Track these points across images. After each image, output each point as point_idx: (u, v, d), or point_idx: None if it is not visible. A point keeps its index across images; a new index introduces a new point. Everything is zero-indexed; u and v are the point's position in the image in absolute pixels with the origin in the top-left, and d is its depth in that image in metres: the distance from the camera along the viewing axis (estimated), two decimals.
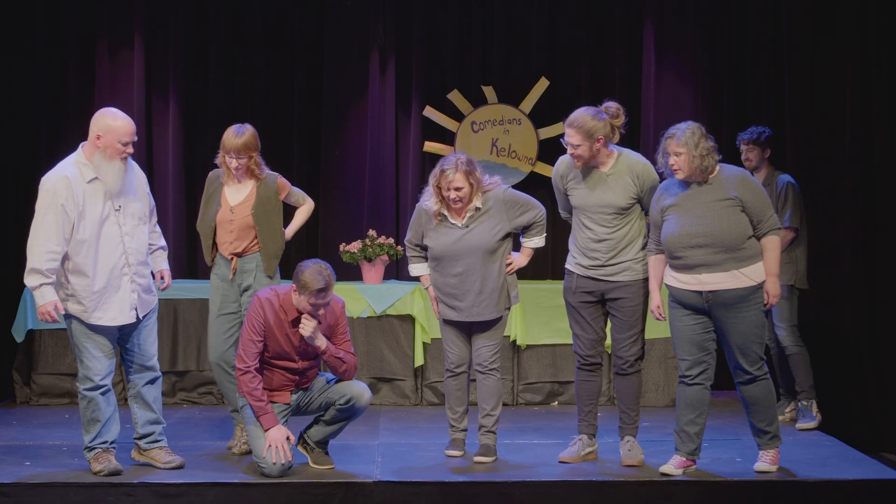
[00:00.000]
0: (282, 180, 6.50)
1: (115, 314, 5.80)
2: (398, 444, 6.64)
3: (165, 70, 8.83)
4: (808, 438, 6.83)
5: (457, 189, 6.06)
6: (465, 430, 6.33)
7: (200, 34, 8.90)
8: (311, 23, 8.95)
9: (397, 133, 8.96)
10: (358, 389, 5.99)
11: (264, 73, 8.92)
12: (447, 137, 8.91)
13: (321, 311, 5.83)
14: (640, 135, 8.70)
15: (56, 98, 8.65)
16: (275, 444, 5.78)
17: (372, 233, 8.41)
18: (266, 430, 5.82)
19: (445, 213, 6.16)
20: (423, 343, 8.04)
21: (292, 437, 5.88)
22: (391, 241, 8.42)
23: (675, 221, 5.80)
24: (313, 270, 5.74)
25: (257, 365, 5.86)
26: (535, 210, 6.20)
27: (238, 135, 6.32)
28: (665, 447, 6.48)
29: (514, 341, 8.08)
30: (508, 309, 6.25)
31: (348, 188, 8.96)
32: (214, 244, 6.41)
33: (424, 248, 6.29)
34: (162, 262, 6.19)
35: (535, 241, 6.26)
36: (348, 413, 6.01)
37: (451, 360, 6.28)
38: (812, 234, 7.65)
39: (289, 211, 6.56)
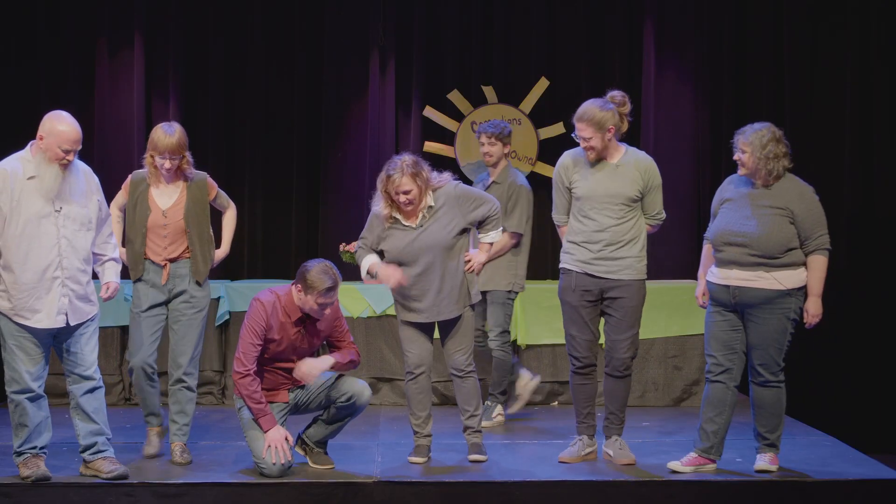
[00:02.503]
0: (210, 180, 6.37)
1: (42, 317, 5.64)
2: (398, 444, 6.63)
3: (165, 70, 8.84)
4: (808, 438, 6.82)
5: (405, 192, 5.97)
6: (429, 435, 6.26)
7: (200, 34, 8.91)
8: (311, 23, 8.95)
9: (397, 133, 8.97)
10: (359, 387, 5.99)
11: (264, 74, 8.93)
12: (447, 137, 8.91)
13: (326, 311, 5.82)
14: (640, 134, 8.70)
15: (56, 98, 8.64)
16: (274, 444, 5.78)
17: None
18: (266, 432, 5.81)
19: (397, 216, 6.08)
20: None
21: (291, 438, 5.88)
22: None
23: (725, 216, 5.87)
24: (320, 270, 5.73)
25: (256, 368, 5.85)
26: (489, 204, 6.12)
27: (170, 134, 6.13)
28: (664, 447, 6.49)
29: (515, 341, 8.08)
30: (472, 307, 6.18)
31: (348, 188, 8.96)
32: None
33: (376, 251, 6.20)
34: (111, 275, 5.92)
35: (492, 235, 6.16)
36: (349, 411, 6.01)
37: (411, 361, 6.18)
38: None
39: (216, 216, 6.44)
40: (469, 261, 6.13)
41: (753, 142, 5.78)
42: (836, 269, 8.10)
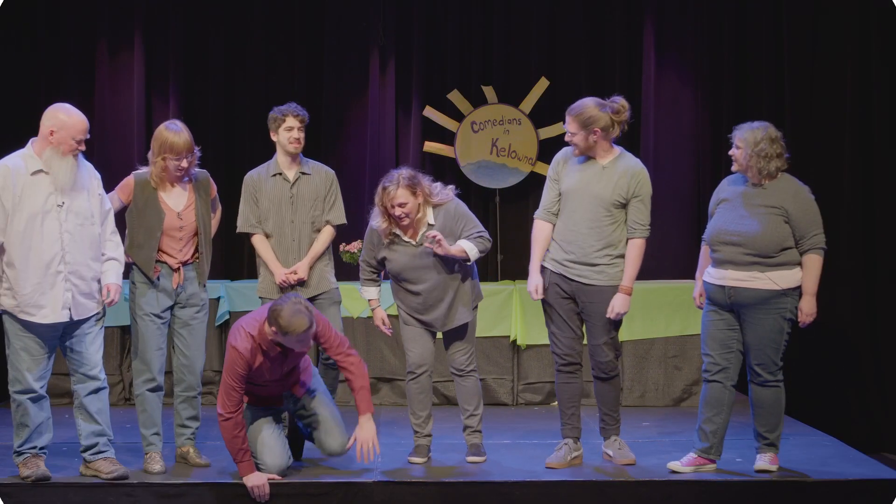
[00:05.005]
0: (211, 180, 6.27)
1: (48, 312, 5.62)
2: (398, 444, 6.63)
3: (165, 70, 8.84)
4: (808, 438, 6.82)
5: (400, 205, 5.93)
6: (429, 435, 6.26)
7: (200, 34, 8.91)
8: (311, 23, 8.96)
9: (397, 133, 8.97)
10: (331, 443, 5.97)
11: (264, 73, 8.93)
12: (447, 137, 8.91)
13: (309, 344, 5.69)
14: (640, 135, 8.70)
15: (56, 98, 8.57)
16: (256, 489, 5.64)
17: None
18: (243, 477, 5.65)
19: (397, 231, 6.06)
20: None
21: (273, 477, 5.74)
22: None
23: (721, 216, 5.88)
24: (292, 311, 5.48)
25: (242, 410, 5.69)
26: (480, 228, 6.08)
27: (180, 132, 6.00)
28: (664, 447, 6.49)
29: (514, 341, 8.09)
30: (475, 308, 6.19)
31: (348, 188, 8.90)
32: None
33: (380, 267, 6.21)
34: (111, 276, 5.81)
35: (469, 245, 5.99)
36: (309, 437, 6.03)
37: (412, 360, 6.19)
38: None
39: None
40: (438, 238, 5.91)
41: (747, 138, 5.80)
42: (838, 269, 8.15)
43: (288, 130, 6.49)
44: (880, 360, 8.16)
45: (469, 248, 6.01)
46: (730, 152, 5.88)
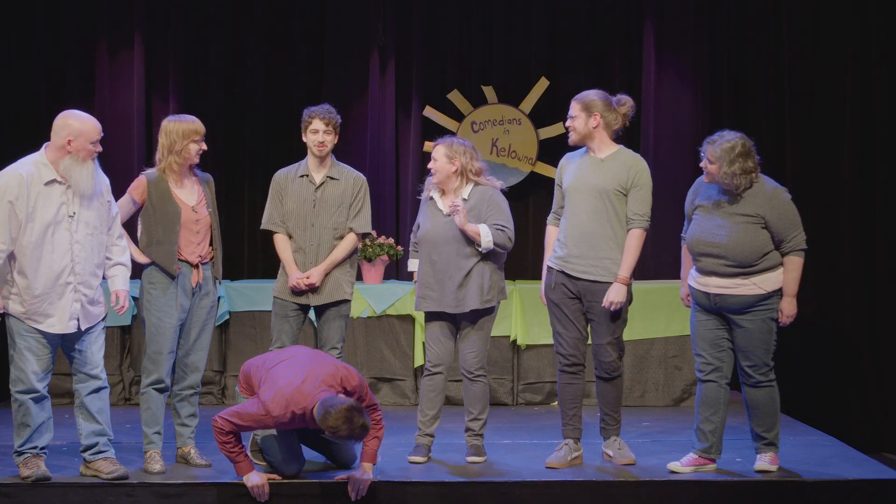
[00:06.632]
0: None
1: (54, 321, 5.61)
2: (398, 444, 6.63)
3: (165, 70, 8.84)
4: (807, 438, 6.82)
5: (433, 159, 6.16)
6: (431, 435, 6.26)
7: (200, 34, 8.92)
8: (311, 23, 8.96)
9: (397, 133, 8.97)
10: (339, 461, 6.05)
11: (264, 73, 8.93)
12: None
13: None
14: (640, 135, 8.70)
15: (56, 98, 8.65)
16: (255, 489, 5.63)
17: (372, 233, 8.41)
18: (242, 476, 5.65)
19: (435, 195, 6.19)
20: (423, 343, 8.02)
21: (273, 477, 5.74)
22: (391, 241, 8.42)
23: (698, 224, 5.85)
24: (343, 418, 5.35)
25: (239, 433, 5.63)
26: (505, 223, 6.07)
27: (194, 119, 6.05)
28: (664, 447, 6.49)
29: (514, 341, 8.09)
30: (491, 309, 6.16)
31: None
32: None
33: None
34: (119, 282, 5.81)
35: (485, 229, 6.01)
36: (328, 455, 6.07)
37: (431, 357, 6.24)
38: (812, 235, 7.65)
39: None
40: (458, 206, 5.99)
41: (721, 157, 5.74)
42: (837, 270, 8.15)
43: (314, 133, 6.35)
44: (880, 361, 8.16)
45: (484, 232, 6.04)
46: (701, 164, 5.85)
